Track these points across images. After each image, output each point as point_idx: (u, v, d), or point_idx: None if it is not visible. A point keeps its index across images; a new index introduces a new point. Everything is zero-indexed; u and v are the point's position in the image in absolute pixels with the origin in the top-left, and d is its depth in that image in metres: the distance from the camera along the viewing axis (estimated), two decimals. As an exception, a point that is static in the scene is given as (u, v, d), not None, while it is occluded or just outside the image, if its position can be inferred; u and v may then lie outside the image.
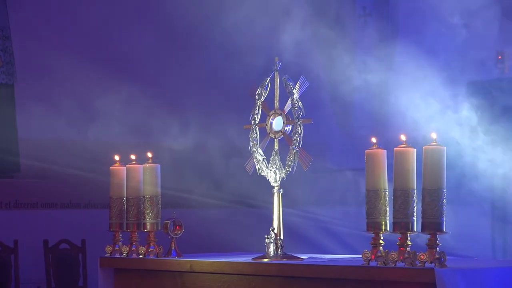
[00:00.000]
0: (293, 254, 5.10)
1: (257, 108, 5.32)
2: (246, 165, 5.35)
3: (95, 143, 9.78)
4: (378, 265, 4.35)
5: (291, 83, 5.12)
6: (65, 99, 9.82)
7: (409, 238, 4.35)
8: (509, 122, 9.64)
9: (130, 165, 5.66)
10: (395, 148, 4.42)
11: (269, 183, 5.21)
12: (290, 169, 5.11)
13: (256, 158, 5.28)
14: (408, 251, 4.27)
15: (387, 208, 4.49)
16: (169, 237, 5.49)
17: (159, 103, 10.07)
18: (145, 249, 5.56)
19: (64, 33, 9.73)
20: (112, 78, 9.79)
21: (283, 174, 5.15)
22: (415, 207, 4.36)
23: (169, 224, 5.47)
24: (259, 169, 5.27)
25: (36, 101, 9.64)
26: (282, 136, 5.18)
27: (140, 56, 10.05)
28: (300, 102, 5.09)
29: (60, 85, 9.75)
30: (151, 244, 5.55)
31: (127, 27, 10.03)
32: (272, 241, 5.05)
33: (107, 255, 5.74)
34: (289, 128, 5.16)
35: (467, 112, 9.75)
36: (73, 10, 9.81)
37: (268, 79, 5.26)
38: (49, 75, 9.67)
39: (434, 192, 4.27)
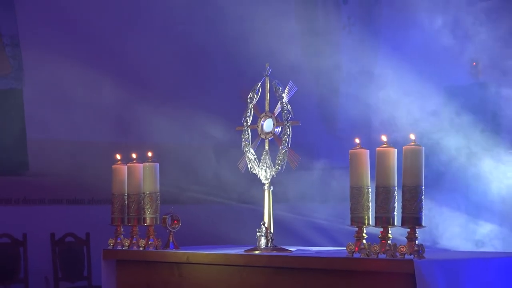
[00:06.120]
0: (282, 246, 5.09)
1: (249, 111, 5.32)
2: (239, 164, 5.34)
3: (98, 143, 9.76)
4: (361, 257, 4.35)
5: (280, 88, 5.12)
6: (69, 102, 9.80)
7: (390, 232, 4.36)
8: (486, 125, 9.69)
9: (131, 164, 5.65)
10: (377, 148, 4.42)
11: (260, 180, 5.21)
12: (279, 167, 5.10)
13: (248, 157, 5.28)
14: (389, 244, 4.27)
15: (370, 204, 4.49)
16: (167, 230, 5.49)
17: (157, 105, 10.05)
18: (145, 242, 5.55)
19: (70, 39, 9.70)
20: (115, 81, 9.78)
21: (273, 172, 5.14)
22: (396, 203, 4.36)
23: (167, 219, 5.46)
24: (251, 168, 5.26)
25: (43, 104, 9.62)
26: (272, 137, 5.18)
27: (141, 60, 10.03)
28: (289, 105, 5.08)
29: (66, 89, 9.73)
30: (151, 237, 5.55)
31: (127, 32, 10.01)
32: (263, 234, 5.04)
33: (110, 247, 5.73)
34: (278, 130, 5.15)
35: (444, 114, 9.79)
36: (79, 17, 9.78)
37: (259, 84, 5.26)
38: (56, 79, 9.65)
39: (413, 189, 4.27)
